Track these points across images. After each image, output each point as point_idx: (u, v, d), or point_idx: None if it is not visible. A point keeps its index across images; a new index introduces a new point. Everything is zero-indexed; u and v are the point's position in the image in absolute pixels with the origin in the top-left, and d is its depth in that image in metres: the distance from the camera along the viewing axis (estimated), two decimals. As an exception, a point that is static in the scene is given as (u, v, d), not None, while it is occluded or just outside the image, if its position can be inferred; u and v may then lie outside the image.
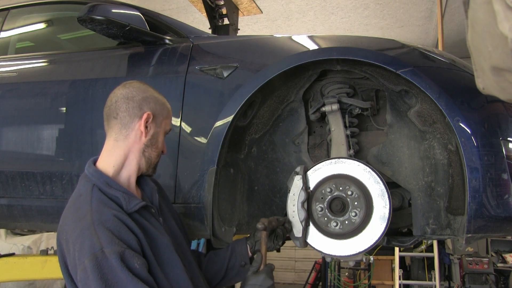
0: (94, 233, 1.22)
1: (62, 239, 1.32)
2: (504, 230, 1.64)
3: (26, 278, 3.18)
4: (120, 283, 1.17)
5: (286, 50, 1.90)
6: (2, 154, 2.25)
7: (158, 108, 1.47)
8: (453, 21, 6.19)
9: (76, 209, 1.33)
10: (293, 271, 9.21)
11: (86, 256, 1.19)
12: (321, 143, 2.08)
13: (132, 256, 1.23)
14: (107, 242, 1.21)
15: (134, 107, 1.42)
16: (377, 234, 1.61)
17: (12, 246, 4.93)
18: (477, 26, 1.12)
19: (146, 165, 1.47)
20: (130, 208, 1.34)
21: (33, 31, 2.88)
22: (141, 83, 1.51)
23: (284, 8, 6.15)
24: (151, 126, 1.44)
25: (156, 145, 1.47)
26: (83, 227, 1.25)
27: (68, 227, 1.30)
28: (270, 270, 1.52)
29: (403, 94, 1.82)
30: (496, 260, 5.78)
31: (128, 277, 1.18)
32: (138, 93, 1.44)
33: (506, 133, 1.60)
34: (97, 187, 1.36)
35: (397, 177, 1.89)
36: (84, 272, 1.18)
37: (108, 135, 1.46)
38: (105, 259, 1.18)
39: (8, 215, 2.19)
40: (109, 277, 1.17)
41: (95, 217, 1.26)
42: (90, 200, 1.32)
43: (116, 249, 1.20)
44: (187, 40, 2.10)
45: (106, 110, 1.45)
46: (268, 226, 1.61)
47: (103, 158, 1.44)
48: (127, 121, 1.42)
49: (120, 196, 1.34)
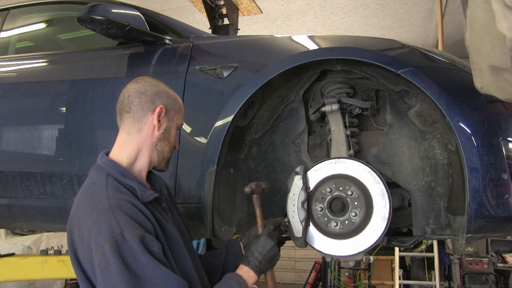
0: (113, 217, 1.22)
1: (73, 226, 1.31)
2: (504, 230, 1.64)
3: (26, 278, 3.18)
4: (141, 267, 1.18)
5: (286, 50, 1.90)
6: (2, 154, 2.25)
7: (170, 103, 1.48)
8: (453, 21, 6.19)
9: (91, 196, 1.32)
10: (293, 271, 9.21)
11: (106, 241, 1.18)
12: (321, 143, 2.08)
13: (152, 239, 1.24)
14: (126, 225, 1.21)
15: (146, 101, 1.43)
16: (377, 234, 1.61)
17: (12, 246, 4.94)
18: (476, 25, 1.12)
19: (158, 159, 1.48)
20: (145, 198, 1.35)
21: (33, 31, 2.88)
22: (153, 78, 1.52)
23: (284, 8, 6.15)
24: (163, 120, 1.46)
25: (168, 139, 1.48)
26: (100, 211, 1.24)
27: (82, 213, 1.29)
28: (269, 231, 1.54)
29: (403, 94, 1.82)
30: (496, 260, 5.77)
31: (150, 260, 1.19)
32: (151, 88, 1.46)
33: (506, 133, 1.60)
34: (112, 176, 1.36)
35: (397, 177, 1.89)
36: (103, 257, 1.18)
37: (121, 129, 1.47)
38: (125, 242, 1.18)
39: (8, 215, 2.19)
40: (129, 261, 1.17)
41: (112, 202, 1.27)
42: (106, 187, 1.32)
43: (137, 233, 1.20)
44: (187, 40, 2.11)
45: (118, 105, 1.47)
46: (256, 189, 1.64)
47: (116, 151, 1.45)
48: (140, 115, 1.43)
49: (135, 186, 1.36)
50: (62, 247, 5.26)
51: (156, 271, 1.19)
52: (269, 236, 1.52)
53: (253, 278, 1.47)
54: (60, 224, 2.11)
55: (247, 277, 1.44)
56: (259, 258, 1.48)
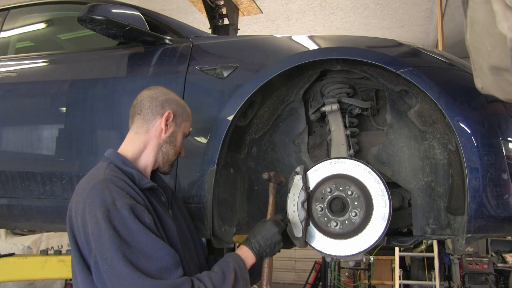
0: (106, 188, 1.29)
1: (72, 203, 1.36)
2: (504, 230, 1.64)
3: (26, 278, 3.18)
4: (132, 234, 1.23)
5: (286, 50, 1.90)
6: (2, 154, 2.25)
7: (179, 110, 1.57)
8: (453, 21, 6.18)
9: (89, 176, 1.41)
10: (293, 271, 9.21)
11: (98, 209, 1.24)
12: (321, 143, 2.08)
13: (143, 210, 1.30)
14: (118, 195, 1.28)
15: (156, 106, 1.53)
16: (377, 234, 1.61)
17: (12, 246, 4.93)
18: (476, 25, 1.11)
19: (162, 160, 1.55)
20: (142, 184, 1.41)
21: (33, 31, 2.88)
22: (165, 87, 1.62)
23: (284, 8, 6.15)
24: (171, 125, 1.54)
25: (174, 143, 1.56)
26: (94, 184, 1.31)
27: (80, 189, 1.36)
28: (276, 219, 1.60)
29: (403, 94, 1.82)
30: (496, 260, 5.78)
31: (140, 228, 1.24)
32: (162, 95, 1.56)
33: (506, 133, 1.60)
34: (113, 164, 1.43)
35: (397, 177, 1.89)
36: (96, 224, 1.23)
37: (130, 129, 1.55)
38: (116, 210, 1.24)
39: (8, 215, 2.19)
40: (120, 228, 1.23)
41: (107, 176, 1.34)
42: (104, 170, 1.39)
43: (128, 202, 1.27)
44: (187, 40, 2.10)
45: (131, 109, 1.56)
46: (273, 177, 1.70)
47: (123, 147, 1.53)
48: (149, 118, 1.52)
49: (134, 173, 1.42)
50: (62, 247, 5.27)
51: (146, 238, 1.24)
52: (275, 223, 1.57)
53: (251, 259, 1.50)
54: (60, 224, 2.11)
55: (245, 257, 1.49)
56: (261, 241, 1.52)
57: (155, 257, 1.23)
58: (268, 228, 1.55)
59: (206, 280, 1.30)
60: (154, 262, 1.22)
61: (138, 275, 1.18)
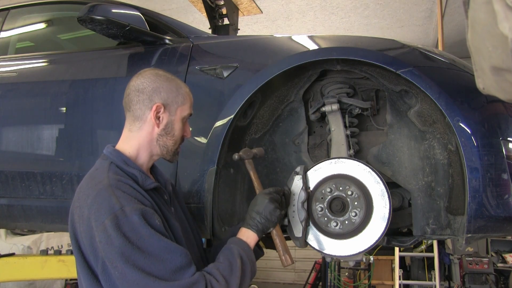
0: (112, 194, 1.25)
1: (74, 208, 1.33)
2: (504, 230, 1.64)
3: (26, 278, 3.18)
4: (143, 240, 1.20)
5: (286, 50, 1.90)
6: (2, 154, 2.25)
7: (171, 97, 1.48)
8: (453, 21, 6.18)
9: (92, 179, 1.36)
10: (293, 271, 9.20)
11: (106, 216, 1.21)
12: (321, 143, 2.08)
13: (152, 213, 1.27)
14: (126, 201, 1.24)
15: (144, 100, 1.45)
16: (377, 234, 1.61)
17: (12, 246, 4.93)
18: (477, 26, 1.11)
19: (161, 152, 1.49)
20: (146, 185, 1.39)
21: (33, 31, 2.88)
22: (154, 71, 1.51)
23: (284, 8, 6.15)
24: (163, 116, 1.46)
25: (171, 133, 1.49)
26: (100, 190, 1.28)
27: (83, 193, 1.32)
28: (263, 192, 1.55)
29: (403, 94, 1.82)
30: (496, 260, 5.77)
31: (151, 232, 1.22)
32: (149, 84, 1.46)
33: (506, 133, 1.60)
34: (115, 164, 1.40)
35: (397, 177, 1.89)
36: (104, 232, 1.20)
37: (125, 125, 1.50)
38: (125, 217, 1.21)
39: (8, 215, 2.19)
40: (131, 235, 1.19)
41: (112, 181, 1.30)
42: (107, 172, 1.35)
43: (136, 207, 1.24)
44: (187, 40, 2.10)
45: (123, 102, 1.50)
46: (245, 154, 1.65)
47: (120, 145, 1.49)
48: (139, 114, 1.46)
49: (137, 174, 1.39)
50: (62, 247, 5.27)
51: (158, 242, 1.22)
52: (264, 194, 1.53)
53: (253, 238, 1.48)
54: (60, 224, 2.11)
55: (246, 238, 1.47)
56: (256, 218, 1.49)
57: (169, 260, 1.21)
58: (259, 202, 1.51)
59: (215, 272, 1.30)
60: (168, 264, 1.21)
61: (152, 279, 1.17)
